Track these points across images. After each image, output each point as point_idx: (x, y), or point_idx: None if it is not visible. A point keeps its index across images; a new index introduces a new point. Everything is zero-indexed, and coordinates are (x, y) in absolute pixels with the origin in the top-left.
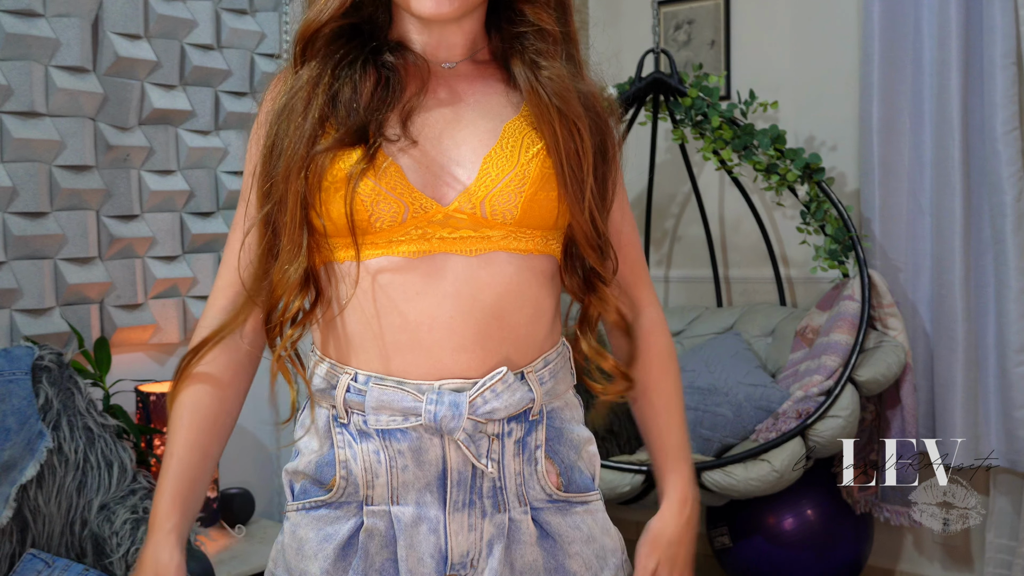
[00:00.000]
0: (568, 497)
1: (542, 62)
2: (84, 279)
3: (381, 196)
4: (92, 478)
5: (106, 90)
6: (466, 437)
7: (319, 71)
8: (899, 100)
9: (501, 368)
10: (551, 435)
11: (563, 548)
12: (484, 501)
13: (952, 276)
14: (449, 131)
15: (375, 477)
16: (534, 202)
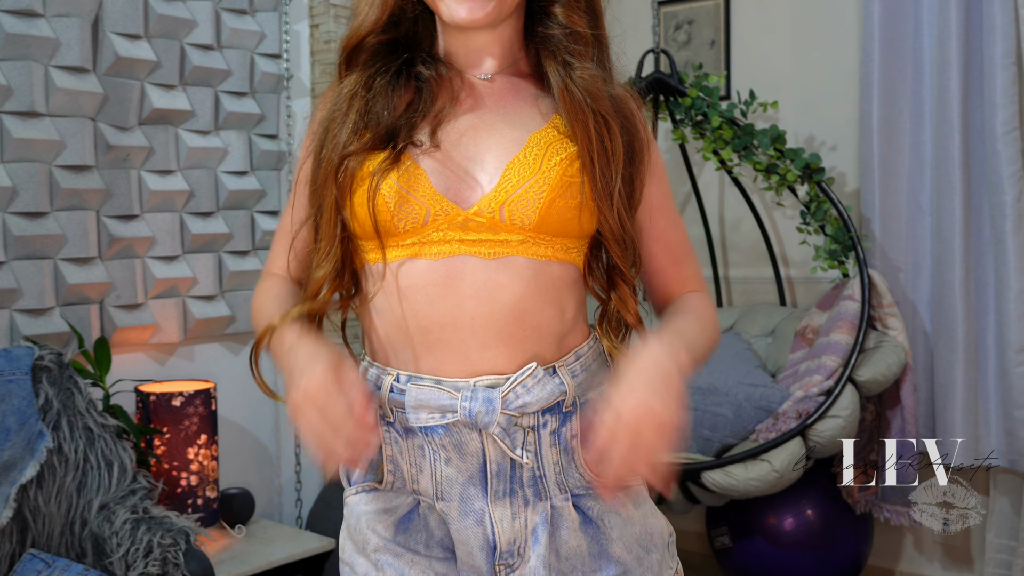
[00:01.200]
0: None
1: (575, 63)
2: (84, 279)
3: (403, 198)
4: (92, 478)
5: (106, 90)
6: (501, 431)
7: (357, 83)
8: (899, 100)
9: (531, 364)
10: (586, 425)
11: (605, 533)
12: (525, 490)
13: (952, 276)
14: (476, 139)
15: (419, 471)
16: (552, 208)
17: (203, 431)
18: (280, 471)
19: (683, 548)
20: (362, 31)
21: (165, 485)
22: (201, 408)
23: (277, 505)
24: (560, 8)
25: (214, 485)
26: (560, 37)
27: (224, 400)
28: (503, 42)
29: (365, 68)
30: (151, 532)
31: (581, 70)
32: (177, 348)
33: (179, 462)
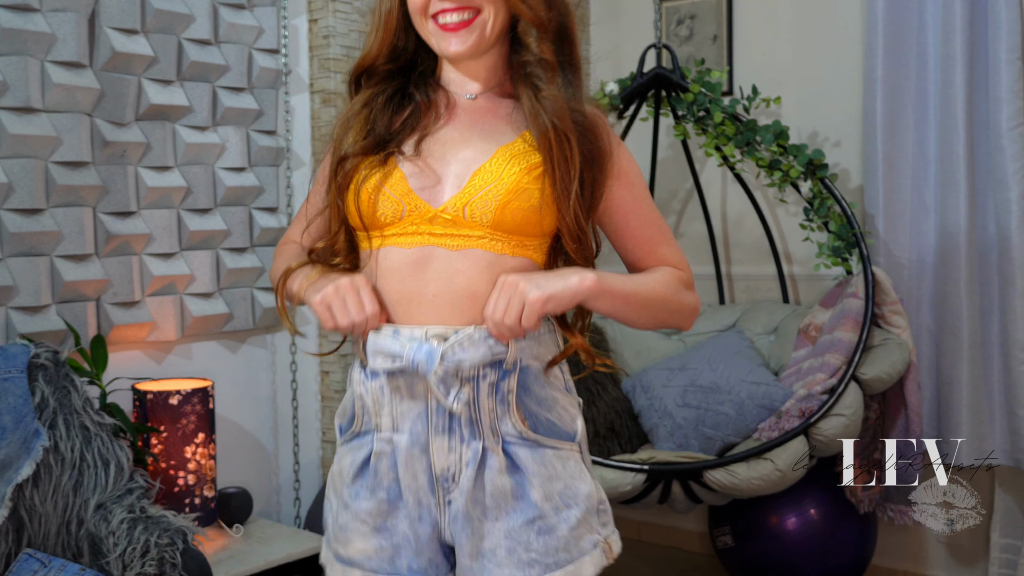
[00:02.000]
0: (538, 439)
1: (542, 86)
2: (80, 276)
3: (384, 195)
4: (89, 477)
5: (103, 85)
6: (437, 380)
7: (361, 102)
8: (903, 95)
9: (471, 326)
10: (522, 386)
11: (528, 479)
12: (462, 429)
13: (957, 273)
14: (453, 150)
15: (381, 407)
16: (506, 210)
17: (200, 430)
18: (278, 470)
19: (685, 548)
20: (366, 62)
21: (162, 484)
22: (199, 406)
23: (275, 504)
24: (532, 40)
25: (212, 484)
26: (531, 64)
27: (222, 398)
28: (488, 68)
29: (369, 89)
30: (148, 532)
31: (547, 92)
32: (174, 346)
33: (176, 461)
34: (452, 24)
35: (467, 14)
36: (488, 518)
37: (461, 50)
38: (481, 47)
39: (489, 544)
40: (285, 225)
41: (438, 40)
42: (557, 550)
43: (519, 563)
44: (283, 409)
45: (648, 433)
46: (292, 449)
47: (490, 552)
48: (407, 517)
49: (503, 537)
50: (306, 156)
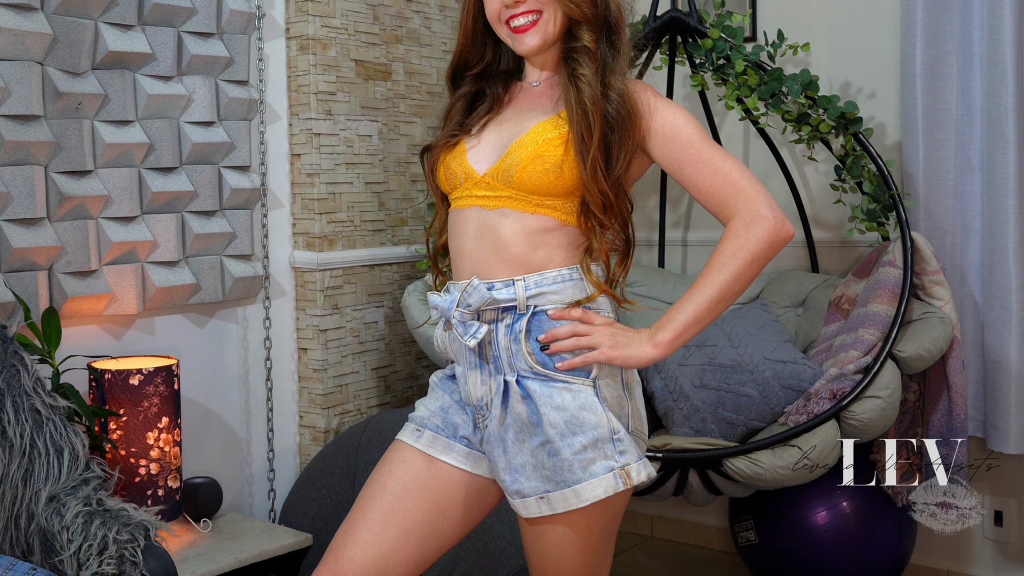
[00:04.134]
0: (547, 373)
1: (579, 70)
2: (31, 243)
3: (451, 168)
4: (40, 466)
5: (55, 30)
6: (457, 322)
7: (452, 103)
8: (945, 41)
9: (473, 278)
10: (532, 327)
11: (538, 408)
12: (489, 365)
13: (1005, 239)
14: (506, 128)
15: (446, 347)
16: (524, 172)
17: (164, 413)
18: (251, 459)
19: (703, 544)
20: (456, 61)
21: (122, 474)
22: (162, 387)
23: (247, 496)
24: (580, 31)
25: (176, 474)
26: (577, 50)
27: (188, 379)
28: (553, 58)
29: (457, 90)
30: (106, 527)
31: (581, 72)
32: (135, 320)
33: (137, 448)
34: (522, 26)
35: (532, 16)
36: (516, 440)
37: (532, 46)
38: (547, 42)
39: (519, 460)
40: (258, 185)
41: (512, 40)
42: (563, 470)
43: (541, 477)
44: (256, 391)
45: (662, 417)
46: (266, 435)
47: (520, 467)
48: (462, 416)
49: (529, 455)
50: (282, 109)
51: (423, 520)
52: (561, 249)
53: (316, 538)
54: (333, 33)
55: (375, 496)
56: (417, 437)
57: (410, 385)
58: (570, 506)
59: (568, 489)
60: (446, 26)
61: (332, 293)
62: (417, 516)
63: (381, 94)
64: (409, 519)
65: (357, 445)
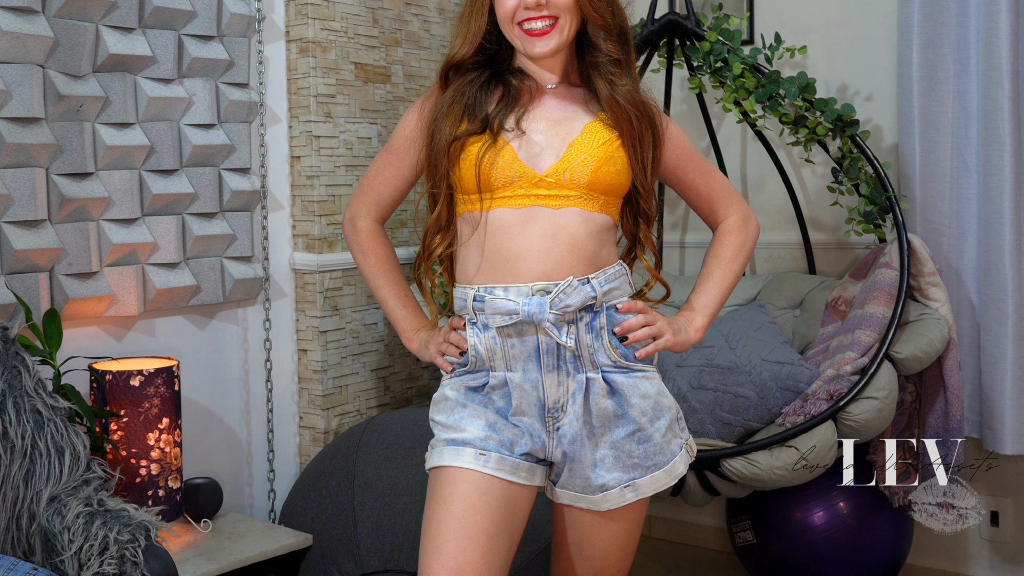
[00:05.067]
0: (628, 365)
1: (616, 80)
2: (32, 244)
3: (498, 165)
4: (41, 467)
5: (56, 33)
6: (550, 325)
7: (459, 90)
8: (942, 44)
9: (568, 278)
10: (608, 323)
11: (626, 399)
12: (568, 365)
13: (1001, 241)
14: (548, 127)
15: (494, 354)
16: (599, 173)
17: (165, 414)
18: (251, 459)
19: (701, 545)
20: (456, 58)
21: (122, 475)
22: (163, 388)
23: (247, 497)
24: (604, 42)
25: (177, 474)
26: (605, 63)
27: (188, 380)
28: (562, 63)
29: (459, 81)
30: (107, 527)
31: (621, 85)
32: (136, 321)
33: (138, 449)
34: (537, 30)
35: (548, 21)
36: (596, 435)
37: (545, 51)
38: (561, 48)
39: (599, 455)
40: (258, 187)
41: (523, 43)
42: (655, 454)
43: (624, 467)
44: (256, 392)
45: None
46: (266, 436)
47: (600, 461)
48: (512, 430)
49: (609, 448)
50: (281, 111)
51: (509, 553)
52: (613, 246)
53: (316, 538)
54: (333, 36)
55: (471, 537)
56: (484, 463)
57: (409, 386)
58: (659, 487)
59: (660, 471)
60: (445, 29)
61: (332, 295)
62: (505, 550)
63: (380, 97)
64: (502, 556)
65: (357, 446)
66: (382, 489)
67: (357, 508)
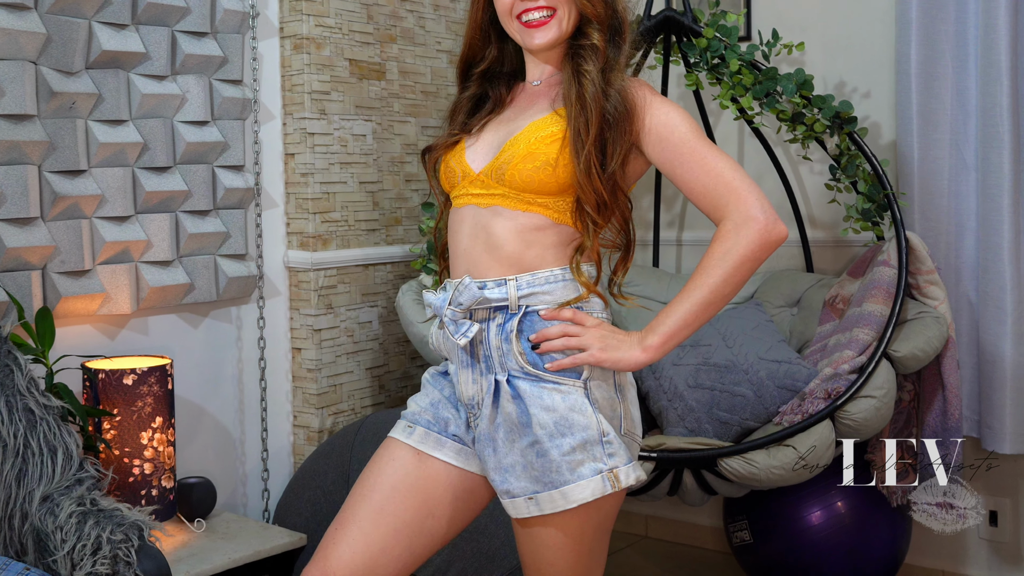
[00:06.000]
0: (537, 373)
1: (584, 66)
2: (24, 242)
3: (449, 165)
4: (33, 466)
5: (48, 29)
6: (449, 320)
7: (457, 103)
8: (940, 40)
9: (464, 277)
10: (524, 327)
11: (528, 408)
12: (481, 364)
13: (1000, 239)
14: (504, 127)
15: (439, 344)
16: (516, 170)
17: (158, 413)
18: (244, 458)
19: (697, 544)
20: (462, 59)
21: (115, 474)
22: (156, 387)
23: (241, 496)
24: (592, 32)
25: (170, 474)
26: (584, 48)
27: (182, 378)
28: (559, 56)
29: (465, 89)
30: (100, 527)
31: (584, 69)
32: (129, 320)
33: (131, 448)
34: (534, 21)
35: (545, 13)
36: (506, 439)
37: (543, 43)
38: (559, 39)
39: (509, 460)
40: (252, 185)
41: (522, 35)
42: (551, 471)
43: (530, 478)
44: (250, 390)
45: (656, 417)
46: (260, 435)
47: (510, 466)
48: (452, 411)
49: (518, 455)
50: (276, 108)
51: (412, 519)
52: (553, 248)
53: (310, 538)
54: (327, 32)
55: (365, 495)
56: (409, 433)
57: (404, 385)
58: (558, 507)
59: (556, 490)
60: (440, 25)
61: (326, 293)
62: (406, 516)
63: (375, 93)
64: (398, 518)
65: (351, 445)
66: None
67: None
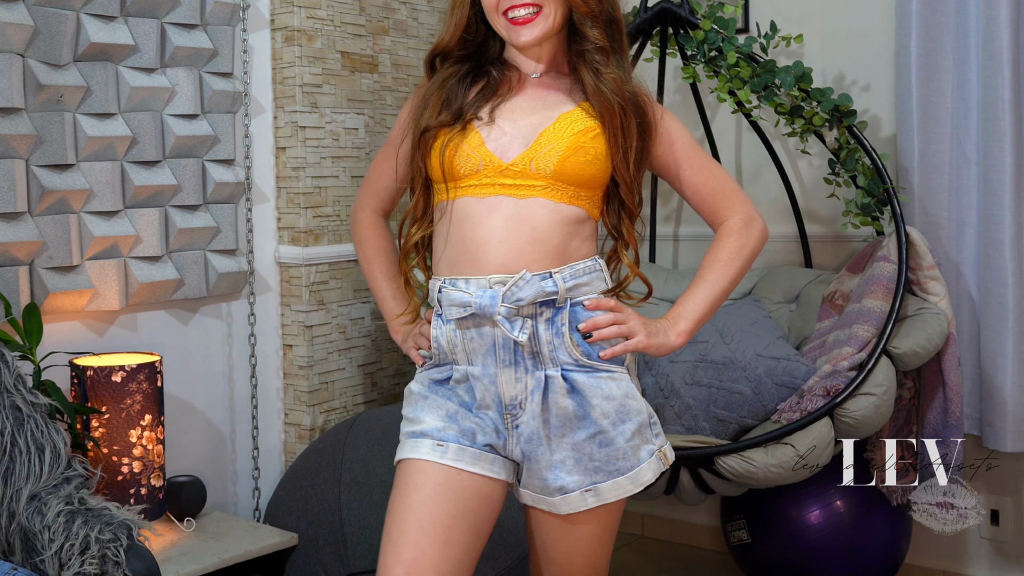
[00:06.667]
0: (591, 364)
1: (602, 69)
2: (11, 237)
3: (462, 152)
4: (21, 464)
5: (36, 21)
6: (502, 318)
7: (435, 82)
8: (941, 33)
9: (523, 271)
10: (572, 320)
11: (587, 400)
12: (526, 362)
13: (1001, 234)
14: (522, 116)
15: (455, 347)
16: (566, 163)
17: (147, 411)
18: (235, 456)
19: (694, 544)
20: (440, 46)
21: (104, 472)
22: (145, 384)
23: (232, 495)
24: (588, 28)
25: (160, 472)
26: (591, 50)
27: (171, 376)
28: (549, 52)
29: (441, 73)
30: (88, 526)
31: (607, 73)
32: (118, 316)
33: (120, 446)
34: (520, 18)
35: (532, 9)
36: (555, 435)
37: (529, 39)
38: (546, 36)
39: (559, 456)
40: (243, 179)
41: (508, 32)
42: (617, 459)
43: (585, 471)
44: (240, 388)
45: None
46: (251, 433)
47: (560, 463)
48: (474, 420)
49: (571, 450)
50: (267, 101)
51: (472, 546)
52: (589, 240)
53: (301, 537)
54: (319, 24)
55: (426, 530)
56: (442, 453)
57: (397, 382)
58: (623, 493)
59: (623, 477)
60: (433, 18)
61: (318, 288)
62: (467, 543)
63: (367, 86)
64: (462, 548)
65: (343, 443)
66: (369, 487)
67: (344, 506)
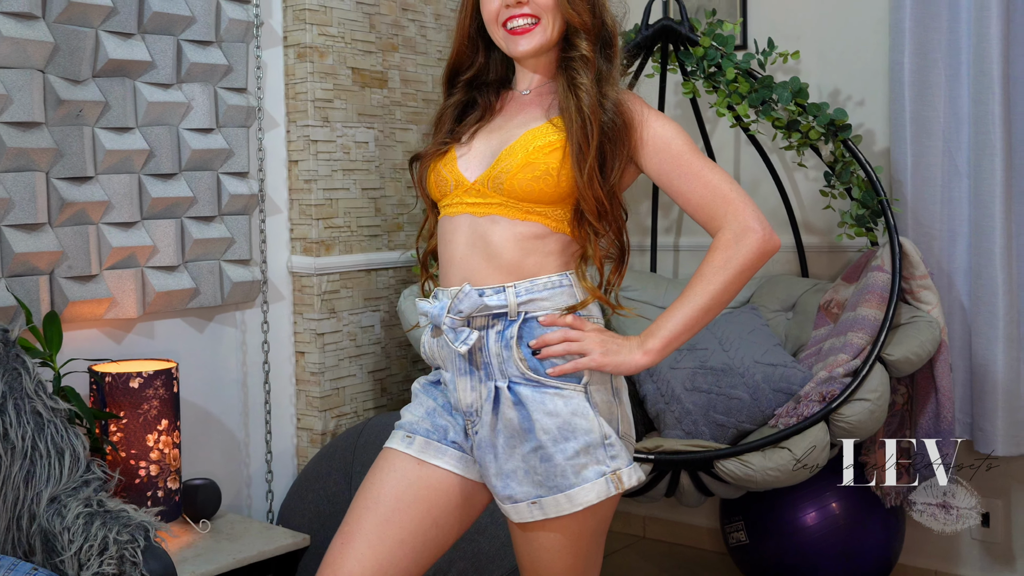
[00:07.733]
0: (539, 379)
1: (578, 79)
2: (32, 248)
3: (440, 175)
4: (41, 468)
5: (56, 39)
6: (448, 328)
7: (443, 111)
8: (933, 49)
9: (464, 284)
10: (523, 333)
11: (530, 415)
12: (480, 371)
13: (992, 244)
14: (495, 136)
15: (435, 352)
16: (515, 180)
17: (164, 416)
18: (249, 460)
19: (694, 545)
20: (450, 64)
21: (122, 475)
22: (162, 390)
23: (246, 497)
24: (580, 41)
25: (176, 475)
26: (575, 59)
27: (187, 382)
28: (546, 64)
29: (447, 100)
30: (106, 527)
31: (580, 81)
32: (135, 324)
33: (137, 450)
34: (519, 28)
35: (530, 20)
36: (506, 445)
37: (527, 49)
38: (543, 47)
39: (510, 466)
40: (256, 191)
41: (507, 42)
42: (556, 476)
43: (533, 483)
44: (254, 393)
45: (654, 420)
46: (264, 437)
47: (511, 472)
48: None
49: (520, 460)
50: (279, 116)
51: (417, 530)
52: (552, 256)
53: (313, 539)
54: (330, 41)
55: (369, 507)
56: (408, 443)
57: (406, 388)
58: (563, 511)
59: (561, 494)
60: (441, 34)
61: (329, 297)
62: (412, 527)
63: (377, 101)
64: (404, 530)
65: (354, 447)
66: None
67: None
